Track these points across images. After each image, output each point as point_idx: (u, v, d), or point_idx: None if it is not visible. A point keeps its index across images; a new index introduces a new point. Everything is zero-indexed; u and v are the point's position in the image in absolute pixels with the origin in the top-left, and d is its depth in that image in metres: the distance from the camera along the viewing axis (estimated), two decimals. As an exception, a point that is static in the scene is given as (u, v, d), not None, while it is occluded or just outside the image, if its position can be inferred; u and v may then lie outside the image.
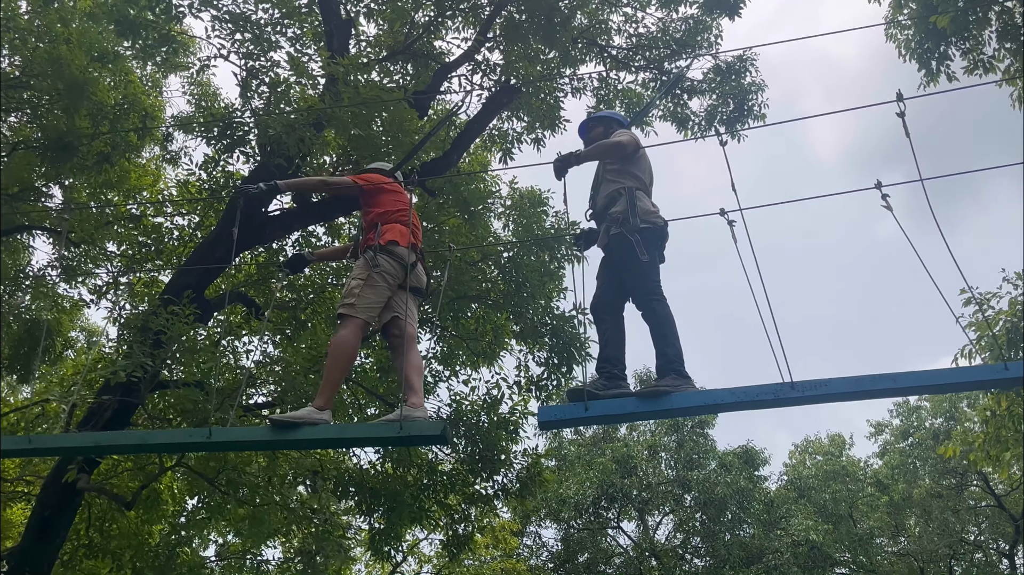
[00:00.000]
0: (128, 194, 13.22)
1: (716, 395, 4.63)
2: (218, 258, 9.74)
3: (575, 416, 4.72)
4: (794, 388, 4.56)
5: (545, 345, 11.30)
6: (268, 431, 4.89)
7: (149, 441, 5.51)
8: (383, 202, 5.65)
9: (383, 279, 5.33)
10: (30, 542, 9.57)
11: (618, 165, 5.53)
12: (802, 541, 20.89)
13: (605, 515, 21.92)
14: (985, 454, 9.61)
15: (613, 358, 5.06)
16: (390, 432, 4.72)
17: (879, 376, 4.58)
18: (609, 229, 5.29)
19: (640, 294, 5.17)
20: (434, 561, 18.65)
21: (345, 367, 5.30)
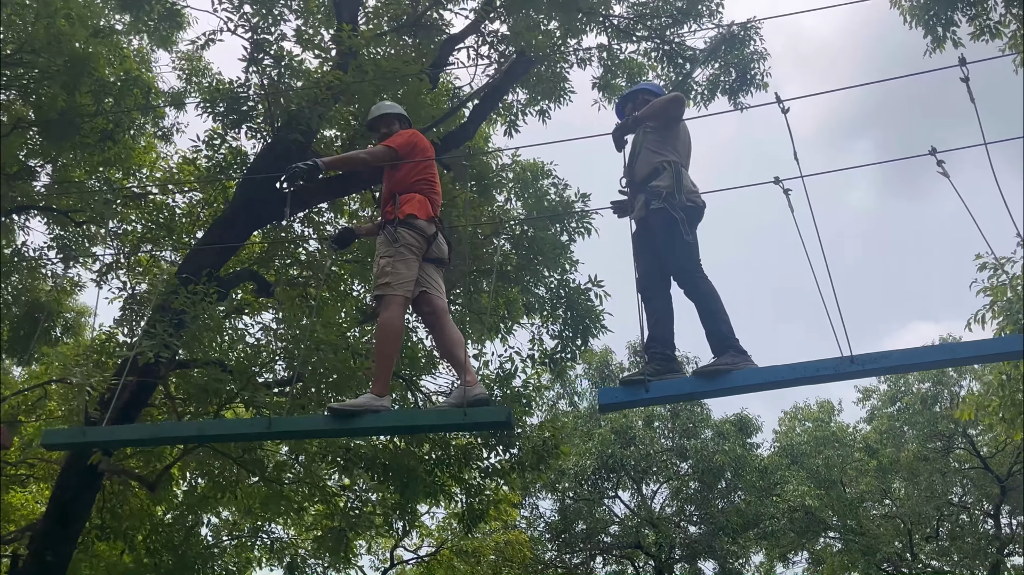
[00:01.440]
0: (128, 172, 13.02)
1: (777, 372, 4.62)
2: (235, 236, 9.61)
3: (636, 398, 4.70)
4: (854, 362, 4.53)
5: (559, 318, 11.28)
6: (328, 420, 4.82)
7: (208, 431, 5.45)
8: (404, 168, 5.51)
9: (410, 251, 5.22)
10: (51, 525, 9.49)
11: (659, 135, 5.40)
12: (797, 507, 21.17)
13: (602, 486, 22.08)
14: (1000, 417, 9.74)
15: (663, 338, 4.97)
16: (455, 419, 4.67)
17: (935, 347, 4.64)
18: (649, 202, 5.19)
19: (684, 273, 5.10)
20: (435, 534, 18.73)
21: (395, 348, 5.19)
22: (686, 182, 5.23)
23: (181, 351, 9.52)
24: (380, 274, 5.17)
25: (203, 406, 10.72)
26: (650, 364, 4.86)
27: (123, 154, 11.92)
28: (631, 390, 4.70)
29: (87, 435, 5.00)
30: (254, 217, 9.95)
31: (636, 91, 5.90)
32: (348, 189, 10.45)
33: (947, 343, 3.97)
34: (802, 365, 4.74)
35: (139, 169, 13.15)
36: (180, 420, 9.91)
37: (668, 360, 4.89)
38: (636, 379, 4.70)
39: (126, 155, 11.92)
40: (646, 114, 5.33)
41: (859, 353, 4.67)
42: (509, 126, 13.01)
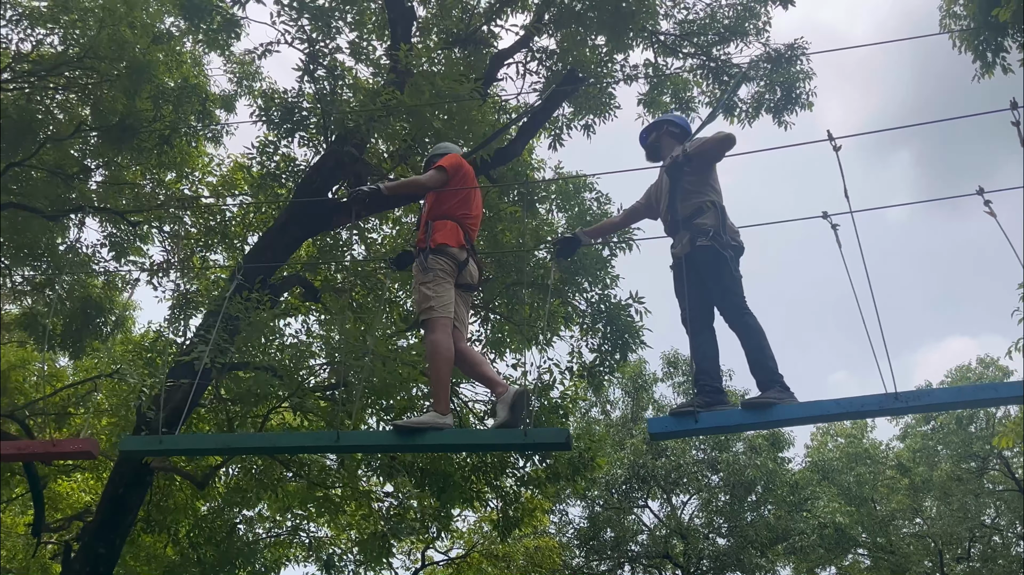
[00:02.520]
0: (182, 174, 13.39)
1: (823, 406, 4.77)
2: (287, 243, 9.89)
3: (685, 428, 4.87)
4: (898, 399, 4.67)
5: (599, 331, 11.45)
6: (393, 435, 5.03)
7: (278, 443, 5.67)
8: (443, 195, 5.69)
9: (444, 276, 5.45)
10: (103, 518, 9.81)
11: (699, 174, 5.54)
12: (827, 523, 21.15)
13: (632, 495, 22.19)
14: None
15: (711, 371, 5.17)
16: (516, 438, 4.86)
17: (980, 387, 4.76)
18: (695, 239, 5.35)
19: (733, 308, 5.26)
20: (466, 537, 18.95)
21: (449, 368, 5.39)
22: (731, 222, 5.44)
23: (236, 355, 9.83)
24: (422, 299, 5.36)
25: (249, 408, 11.06)
26: (699, 396, 5.02)
27: (178, 158, 12.26)
28: (681, 420, 4.87)
29: (163, 443, 5.19)
30: (307, 226, 10.21)
31: (661, 122, 6.07)
32: (399, 201, 10.70)
33: (992, 383, 4.06)
34: (847, 400, 4.89)
35: (192, 172, 13.51)
36: (229, 421, 10.20)
37: (717, 392, 5.07)
38: (686, 410, 4.87)
39: (181, 159, 12.23)
40: (699, 151, 5.48)
41: (903, 390, 4.83)
42: (554, 139, 13.19)
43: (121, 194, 13.62)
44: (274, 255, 10.03)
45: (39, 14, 11.65)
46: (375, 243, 12.22)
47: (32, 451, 6.53)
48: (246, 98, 14.89)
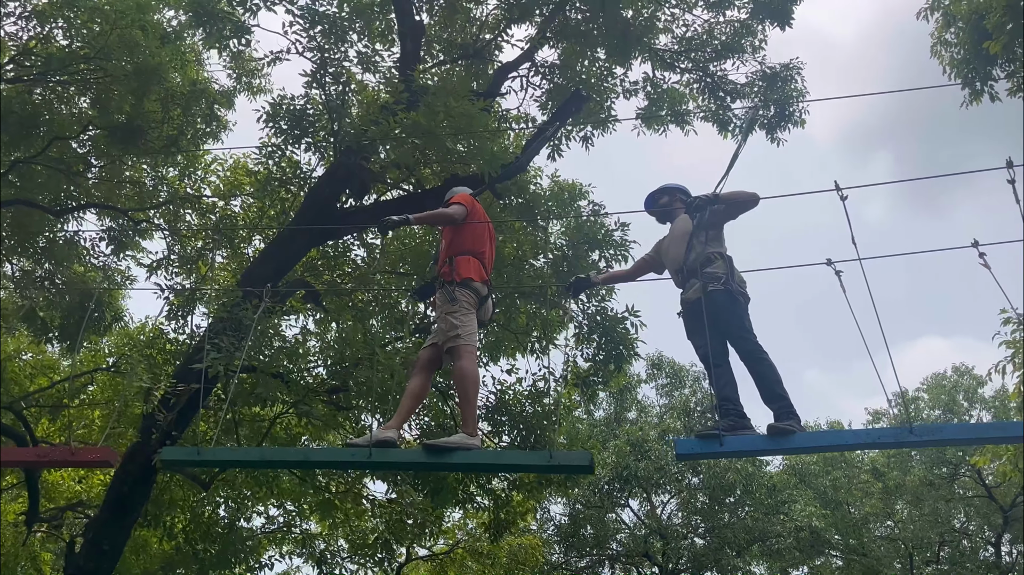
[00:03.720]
0: (184, 172, 13.53)
1: (841, 435, 5.19)
2: (295, 251, 10.11)
3: (711, 450, 5.21)
4: (912, 432, 5.06)
5: (593, 342, 11.75)
6: (423, 454, 5.32)
7: (312, 458, 5.95)
8: (462, 233, 6.03)
9: (469, 308, 5.78)
10: (108, 515, 10.02)
11: (714, 230, 6.03)
12: (804, 526, 21.63)
13: (615, 495, 22.57)
14: (1014, 466, 10.18)
15: (733, 398, 5.56)
16: (540, 460, 5.16)
17: (989, 425, 5.13)
18: (707, 286, 5.75)
19: (748, 350, 5.67)
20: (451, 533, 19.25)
21: (476, 392, 5.75)
22: (737, 274, 5.88)
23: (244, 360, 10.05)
24: (449, 328, 5.66)
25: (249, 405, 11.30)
26: (724, 420, 5.42)
27: (185, 161, 12.43)
28: (707, 443, 5.24)
29: (202, 455, 5.47)
30: (314, 234, 10.43)
31: (671, 188, 6.54)
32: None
33: (1001, 422, 4.39)
34: (865, 432, 5.37)
35: (195, 171, 13.66)
36: (233, 422, 10.43)
37: (740, 417, 5.47)
38: (712, 433, 5.23)
39: (189, 162, 12.40)
40: (727, 198, 5.88)
41: (917, 425, 5.21)
42: (553, 150, 13.46)
43: (120, 189, 13.76)
44: (281, 263, 10.24)
45: (43, 10, 11.73)
46: (375, 248, 12.44)
47: (52, 459, 6.74)
48: (245, 94, 15.05)
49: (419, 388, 5.82)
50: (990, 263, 5.77)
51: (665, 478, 22.35)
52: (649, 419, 24.07)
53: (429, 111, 8.65)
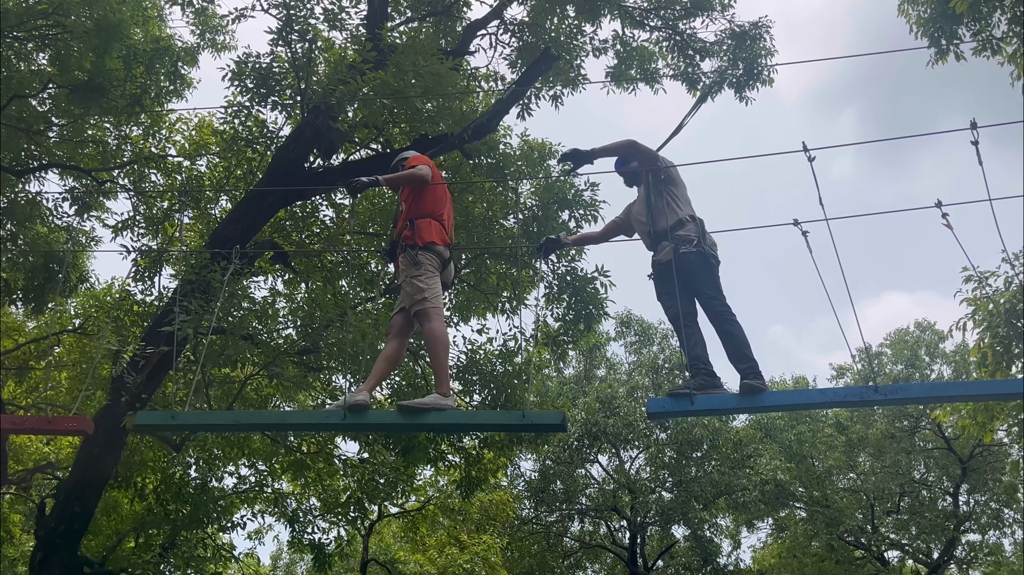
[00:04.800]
0: (148, 132, 13.30)
1: (809, 395, 5.33)
2: (263, 211, 10.04)
3: (682, 409, 5.32)
4: (877, 391, 5.20)
5: (563, 302, 11.82)
6: (398, 415, 5.37)
7: (288, 421, 5.99)
8: (423, 195, 6.03)
9: (433, 271, 5.83)
10: (78, 477, 10.01)
11: (673, 192, 6.11)
12: (769, 479, 22.07)
13: (584, 451, 22.87)
14: (973, 420, 10.45)
15: (704, 358, 5.66)
16: (514, 420, 5.24)
17: (953, 384, 5.30)
18: (678, 248, 5.82)
19: (718, 311, 5.77)
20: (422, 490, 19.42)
21: (447, 353, 5.83)
22: (709, 235, 5.98)
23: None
24: (415, 291, 5.71)
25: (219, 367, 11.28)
26: (695, 379, 5.52)
27: (148, 120, 12.22)
28: (678, 401, 5.34)
29: (176, 419, 5.47)
30: (282, 195, 10.35)
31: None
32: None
33: (964, 381, 4.52)
34: (832, 391, 5.53)
35: (159, 130, 13.43)
36: (204, 383, 10.41)
37: (711, 376, 5.56)
38: (683, 392, 5.33)
39: (153, 121, 12.20)
40: (601, 153, 6.28)
41: (882, 384, 5.35)
42: (523, 109, 13.40)
43: (83, 149, 13.52)
44: (249, 224, 10.16)
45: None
46: (344, 209, 12.38)
47: (29, 427, 6.72)
48: (210, 51, 14.78)
49: (394, 352, 5.86)
50: (953, 221, 5.91)
51: (633, 434, 22.66)
52: (618, 376, 24.34)
53: (398, 70, 8.58)
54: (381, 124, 10.01)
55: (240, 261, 9.41)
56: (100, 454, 9.96)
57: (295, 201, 11.14)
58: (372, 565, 21.80)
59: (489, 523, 20.17)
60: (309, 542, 14.49)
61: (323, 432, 10.06)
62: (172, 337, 9.29)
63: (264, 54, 10.73)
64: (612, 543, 25.95)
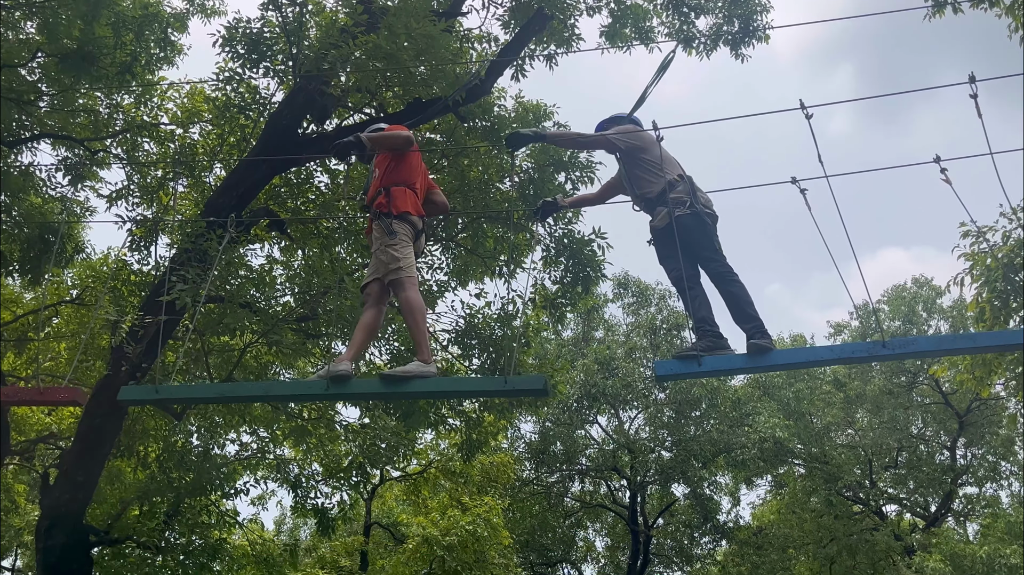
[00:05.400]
0: (140, 100, 13.18)
1: (817, 352, 5.34)
2: (256, 180, 9.98)
3: (690, 371, 5.32)
4: (885, 346, 5.19)
5: (561, 264, 11.81)
6: (381, 384, 5.38)
7: (271, 392, 5.99)
8: (400, 163, 5.98)
9: (407, 240, 5.79)
10: (81, 446, 10.06)
11: (650, 154, 6.06)
12: (768, 437, 22.22)
13: (584, 413, 23.00)
14: (971, 375, 10.49)
15: (709, 319, 5.63)
16: (496, 385, 5.25)
17: (960, 336, 5.30)
18: (673, 211, 5.77)
19: (719, 272, 5.75)
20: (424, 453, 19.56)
21: (425, 320, 5.81)
22: (701, 193, 5.94)
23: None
24: (391, 260, 5.67)
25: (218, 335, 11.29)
26: (702, 341, 5.49)
27: (140, 88, 12.11)
28: (686, 363, 5.34)
29: (160, 392, 5.47)
30: (277, 161, 10.29)
31: (620, 117, 6.53)
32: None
33: (971, 333, 4.55)
34: (839, 347, 5.55)
35: (150, 98, 13.31)
36: (203, 352, 10.43)
37: (717, 338, 5.54)
38: (691, 354, 5.32)
39: (144, 89, 12.08)
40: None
41: (890, 339, 5.34)
42: (517, 70, 13.27)
43: (74, 118, 13.41)
44: (244, 191, 10.11)
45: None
46: (339, 174, 12.31)
47: (21, 398, 6.74)
48: (199, 17, 14.62)
49: (372, 321, 5.82)
50: (951, 176, 5.88)
51: (632, 394, 22.79)
52: (616, 338, 24.39)
53: (390, 33, 8.49)
54: (374, 88, 9.92)
55: (236, 229, 9.40)
56: (102, 424, 10.00)
57: (289, 168, 11.08)
58: (375, 528, 22.04)
59: (490, 485, 20.32)
60: (312, 507, 14.63)
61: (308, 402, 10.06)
62: (170, 306, 9.33)
63: (255, 19, 10.63)
64: (612, 502, 26.20)
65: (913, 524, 26.76)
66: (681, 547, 26.25)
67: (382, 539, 22.77)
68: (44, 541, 10.16)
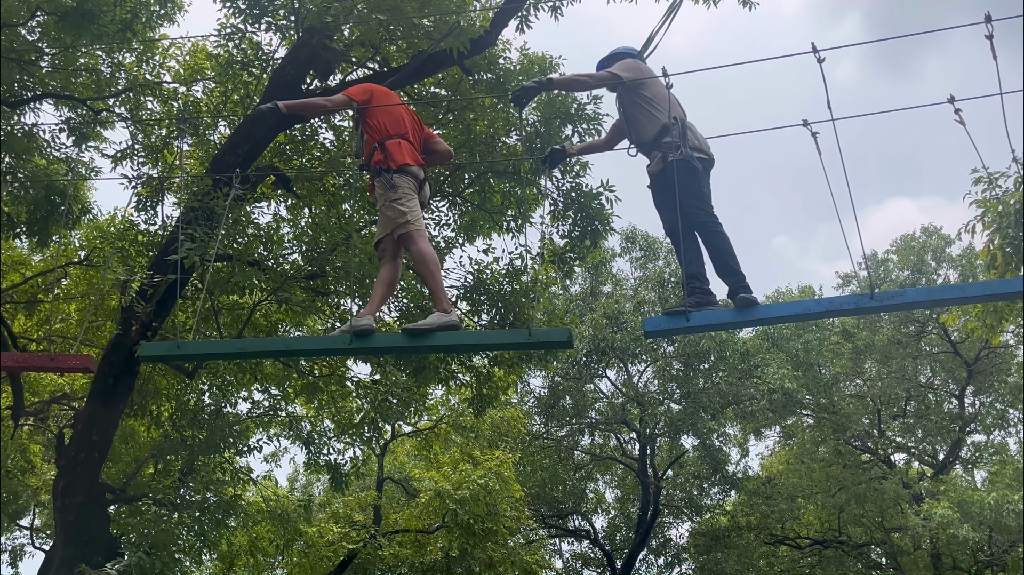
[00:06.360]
0: (142, 58, 13.07)
1: (805, 305, 5.29)
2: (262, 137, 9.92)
3: (678, 326, 5.30)
4: (873, 299, 5.16)
5: (569, 218, 11.76)
6: (405, 338, 5.38)
7: (294, 347, 5.99)
8: (380, 120, 5.92)
9: (411, 192, 5.76)
10: (94, 406, 10.13)
11: (646, 100, 5.94)
12: (776, 388, 22.27)
13: (593, 367, 23.06)
14: (982, 323, 10.46)
15: (700, 274, 5.59)
16: (520, 338, 5.25)
17: (950, 287, 5.26)
18: (667, 156, 5.69)
19: (703, 222, 5.66)
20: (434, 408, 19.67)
21: (439, 270, 5.83)
22: (693, 138, 5.77)
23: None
24: (397, 215, 5.65)
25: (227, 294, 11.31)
26: (691, 297, 5.46)
27: (142, 46, 11.99)
28: (674, 319, 5.33)
29: (181, 348, 5.49)
30: (282, 118, 10.18)
31: (621, 52, 6.42)
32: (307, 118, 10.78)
33: (962, 284, 4.50)
34: (827, 300, 5.46)
35: (152, 56, 13.18)
36: (213, 311, 10.45)
37: (706, 294, 5.51)
38: (679, 310, 5.31)
39: (146, 47, 11.97)
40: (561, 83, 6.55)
41: (878, 291, 5.31)
42: (521, 21, 13.10)
43: (76, 78, 13.31)
44: (249, 148, 10.05)
45: None
46: (344, 131, 12.23)
47: (31, 364, 6.77)
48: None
49: (390, 275, 5.82)
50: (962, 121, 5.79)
51: (641, 348, 22.80)
52: (624, 292, 24.36)
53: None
54: (377, 42, 9.80)
55: (242, 186, 9.38)
56: (114, 384, 10.07)
57: (294, 124, 11.00)
58: (388, 483, 22.25)
59: (501, 439, 20.47)
60: (325, 463, 14.76)
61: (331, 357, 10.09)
62: (178, 265, 9.34)
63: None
64: (622, 455, 26.38)
65: (921, 472, 26.92)
66: (690, 498, 26.46)
67: (395, 494, 23.00)
68: (61, 500, 10.28)
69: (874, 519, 23.94)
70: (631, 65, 6.12)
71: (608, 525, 28.18)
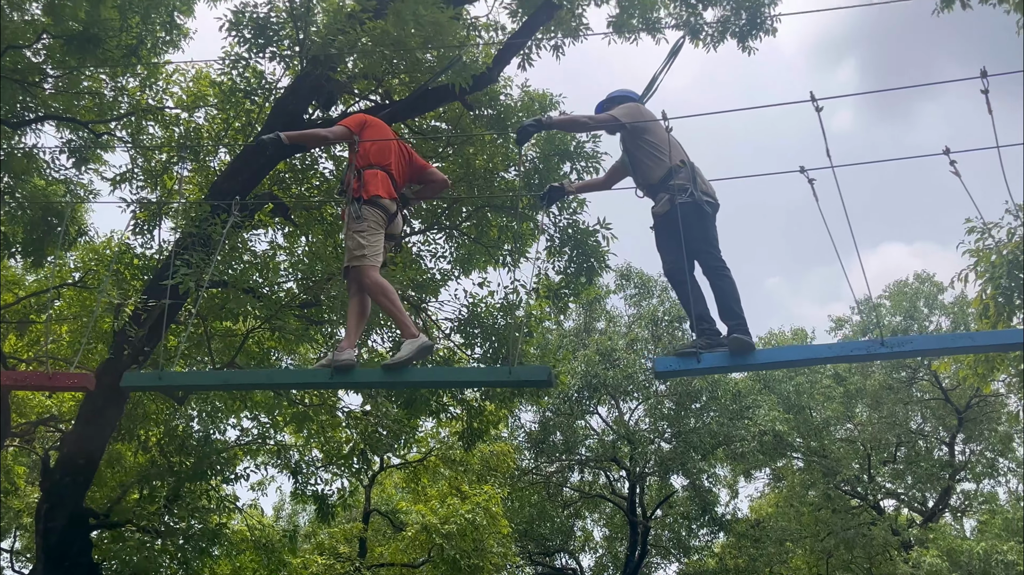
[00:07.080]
0: (145, 83, 13.14)
1: (816, 350, 5.34)
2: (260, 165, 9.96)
3: (689, 367, 5.31)
4: (884, 345, 5.17)
5: (565, 255, 11.80)
6: (384, 373, 5.37)
7: (276, 379, 6.00)
8: (366, 148, 5.93)
9: (377, 227, 5.73)
10: (82, 429, 10.06)
11: (655, 137, 5.99)
12: (767, 430, 22.24)
13: (584, 403, 23.01)
14: (973, 371, 10.49)
15: (707, 316, 5.60)
16: (500, 375, 5.24)
17: (959, 335, 5.27)
18: (675, 198, 5.71)
19: (712, 265, 5.71)
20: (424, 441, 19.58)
21: (396, 297, 5.76)
22: (701, 182, 5.85)
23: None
24: (355, 247, 5.63)
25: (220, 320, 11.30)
26: (701, 338, 5.47)
27: (145, 70, 12.08)
28: (685, 360, 5.33)
29: (164, 379, 5.45)
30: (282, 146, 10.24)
31: (619, 95, 6.48)
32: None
33: (969, 332, 4.54)
34: (839, 345, 5.52)
35: (155, 81, 13.27)
36: (206, 337, 10.43)
37: (715, 335, 5.50)
38: (690, 351, 5.31)
39: (149, 72, 12.05)
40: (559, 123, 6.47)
41: (888, 338, 5.32)
42: (523, 59, 13.24)
43: (79, 100, 13.38)
44: (249, 176, 10.09)
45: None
46: (343, 161, 12.28)
47: (29, 383, 6.70)
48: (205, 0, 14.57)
49: (360, 307, 5.82)
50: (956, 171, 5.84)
51: (633, 385, 22.79)
52: (618, 329, 24.39)
53: (397, 19, 8.46)
54: (381, 75, 9.89)
55: (240, 213, 9.40)
56: (103, 407, 10.01)
57: (294, 153, 11.05)
58: (374, 515, 22.08)
59: (490, 474, 20.36)
60: (312, 493, 14.65)
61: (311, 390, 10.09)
62: (173, 290, 9.33)
63: (262, 3, 10.60)
64: (611, 493, 26.25)
65: (910, 519, 26.80)
66: (679, 538, 26.31)
67: (381, 526, 22.82)
68: (44, 523, 10.17)
69: (862, 565, 23.81)
70: (631, 109, 6.18)
71: (595, 564, 27.97)
